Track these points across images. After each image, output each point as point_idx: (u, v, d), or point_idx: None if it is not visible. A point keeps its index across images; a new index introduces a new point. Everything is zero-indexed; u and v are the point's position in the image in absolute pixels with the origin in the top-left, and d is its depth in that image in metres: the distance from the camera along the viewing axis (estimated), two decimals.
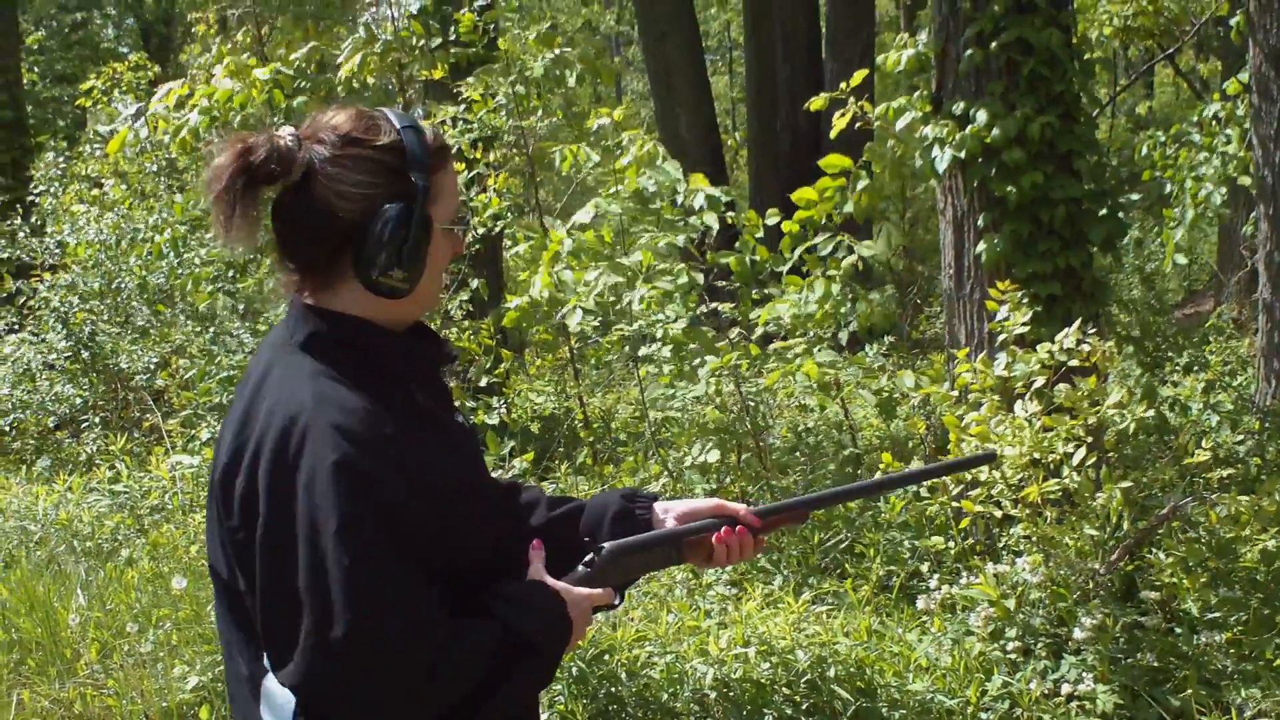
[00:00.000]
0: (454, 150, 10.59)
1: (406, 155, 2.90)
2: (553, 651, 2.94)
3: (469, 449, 3.16)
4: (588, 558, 3.17)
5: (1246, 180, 11.38)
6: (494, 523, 3.09)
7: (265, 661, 2.81)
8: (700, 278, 9.25)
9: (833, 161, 9.03)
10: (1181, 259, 14.39)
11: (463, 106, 10.71)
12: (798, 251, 9.17)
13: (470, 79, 10.79)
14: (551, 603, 2.97)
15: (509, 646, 2.84)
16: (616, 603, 3.20)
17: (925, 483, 7.27)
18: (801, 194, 9.14)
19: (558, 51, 10.59)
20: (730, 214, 9.23)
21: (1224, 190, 12.91)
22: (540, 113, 11.12)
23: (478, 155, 10.70)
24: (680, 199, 9.20)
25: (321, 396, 2.78)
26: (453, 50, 11.35)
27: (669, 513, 3.36)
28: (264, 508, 2.73)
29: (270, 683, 2.83)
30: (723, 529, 3.30)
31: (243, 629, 2.89)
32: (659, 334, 9.10)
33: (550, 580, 3.05)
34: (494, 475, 3.44)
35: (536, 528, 3.34)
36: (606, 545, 3.18)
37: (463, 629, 2.82)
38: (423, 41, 11.56)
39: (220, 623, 3.01)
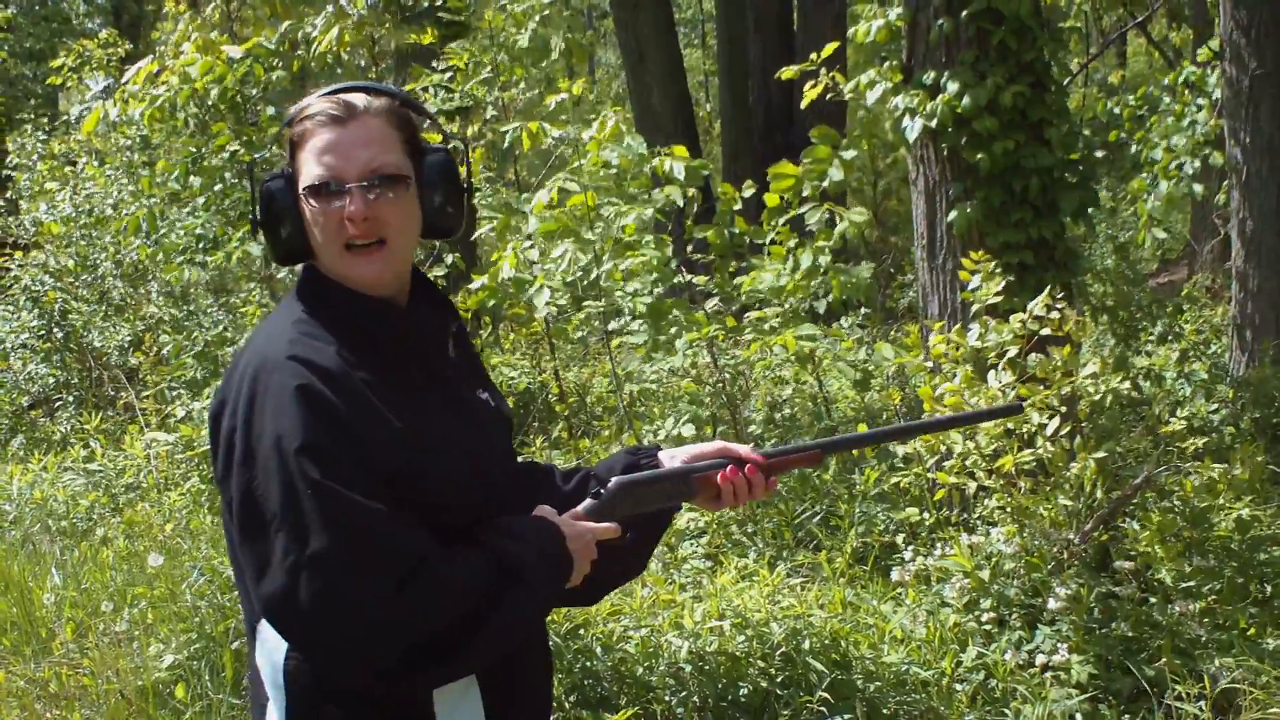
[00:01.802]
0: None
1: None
2: (544, 582, 2.96)
3: (486, 424, 3.20)
4: (593, 490, 3.22)
5: (1220, 158, 11.38)
6: (503, 501, 3.10)
7: (255, 602, 2.86)
8: (669, 248, 9.22)
9: (823, 134, 9.01)
10: (1159, 233, 14.39)
11: (448, 75, 10.65)
12: (779, 222, 9.14)
13: (454, 45, 10.74)
14: (545, 534, 3.00)
15: (497, 575, 2.86)
16: (628, 536, 3.22)
17: (948, 430, 7.17)
18: (780, 169, 9.11)
19: (539, 17, 10.54)
20: (695, 189, 9.17)
21: (1196, 163, 12.91)
22: (522, 85, 11.08)
23: (454, 128, 10.65)
24: (648, 171, 9.15)
25: (294, 339, 2.89)
26: (438, 14, 11.30)
27: (675, 458, 3.39)
28: (239, 440, 2.82)
29: (264, 626, 2.91)
30: (728, 468, 3.33)
31: (240, 571, 2.96)
32: (630, 308, 9.08)
33: (550, 515, 3.09)
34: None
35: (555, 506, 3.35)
36: (614, 479, 3.22)
37: (447, 554, 2.86)
38: (395, 7, 11.52)
39: (234, 574, 3.07)
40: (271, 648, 2.91)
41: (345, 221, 2.95)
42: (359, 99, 3.02)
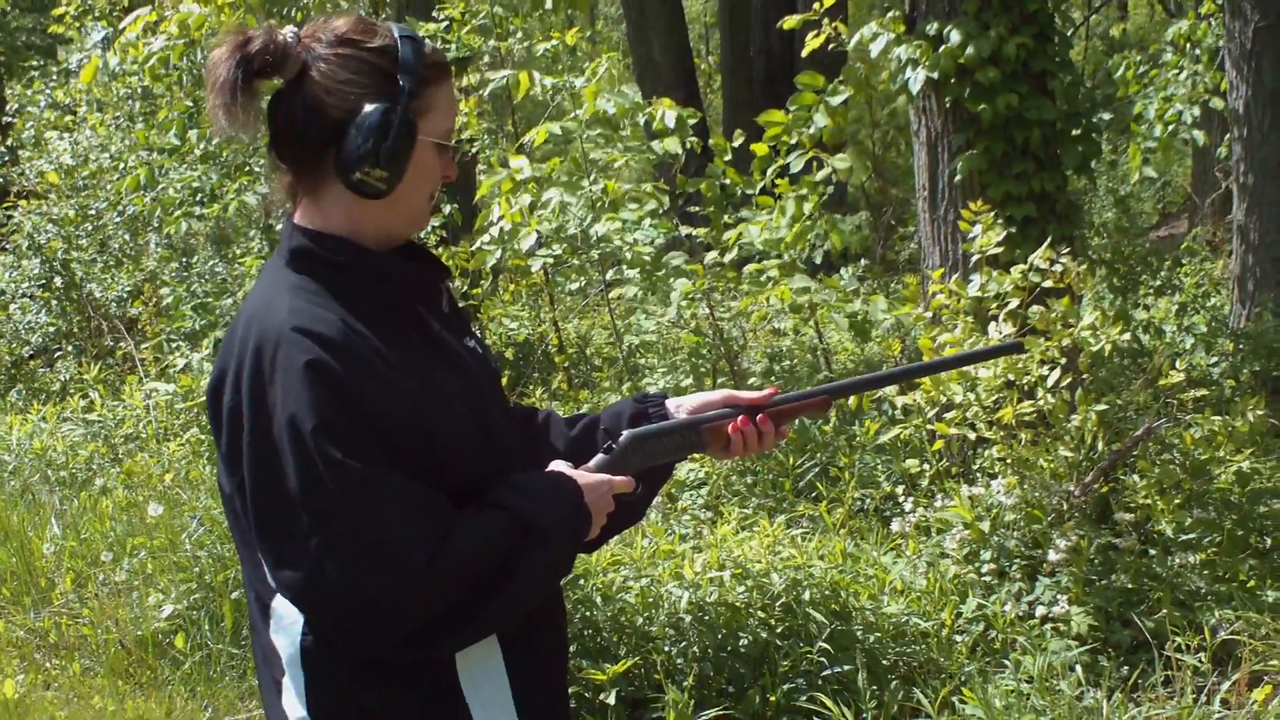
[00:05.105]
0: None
1: (399, 60, 2.89)
2: (565, 538, 2.92)
3: (478, 375, 3.14)
4: (605, 444, 3.19)
5: (1219, 103, 11.37)
6: (502, 450, 3.06)
7: (271, 581, 2.82)
8: (666, 200, 9.18)
9: (808, 80, 8.97)
10: (1151, 171, 14.37)
11: (444, 25, 10.61)
12: (769, 172, 9.10)
13: None
14: (563, 490, 2.96)
15: (518, 534, 2.83)
16: (639, 491, 3.17)
17: (951, 370, 7.08)
18: (768, 116, 9.08)
19: None
20: (694, 139, 9.13)
21: (1196, 111, 12.91)
22: (520, 34, 11.04)
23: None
24: (643, 122, 9.11)
25: (295, 308, 2.80)
26: None
27: (681, 408, 3.35)
28: (248, 419, 2.75)
29: (278, 603, 2.86)
30: (739, 418, 3.29)
31: (249, 548, 2.89)
32: (627, 257, 9.05)
33: (566, 469, 3.05)
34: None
35: (560, 452, 3.32)
36: (625, 432, 3.19)
37: (467, 517, 2.82)
38: None
39: (236, 545, 3.02)
40: (288, 624, 2.86)
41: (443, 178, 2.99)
42: None
